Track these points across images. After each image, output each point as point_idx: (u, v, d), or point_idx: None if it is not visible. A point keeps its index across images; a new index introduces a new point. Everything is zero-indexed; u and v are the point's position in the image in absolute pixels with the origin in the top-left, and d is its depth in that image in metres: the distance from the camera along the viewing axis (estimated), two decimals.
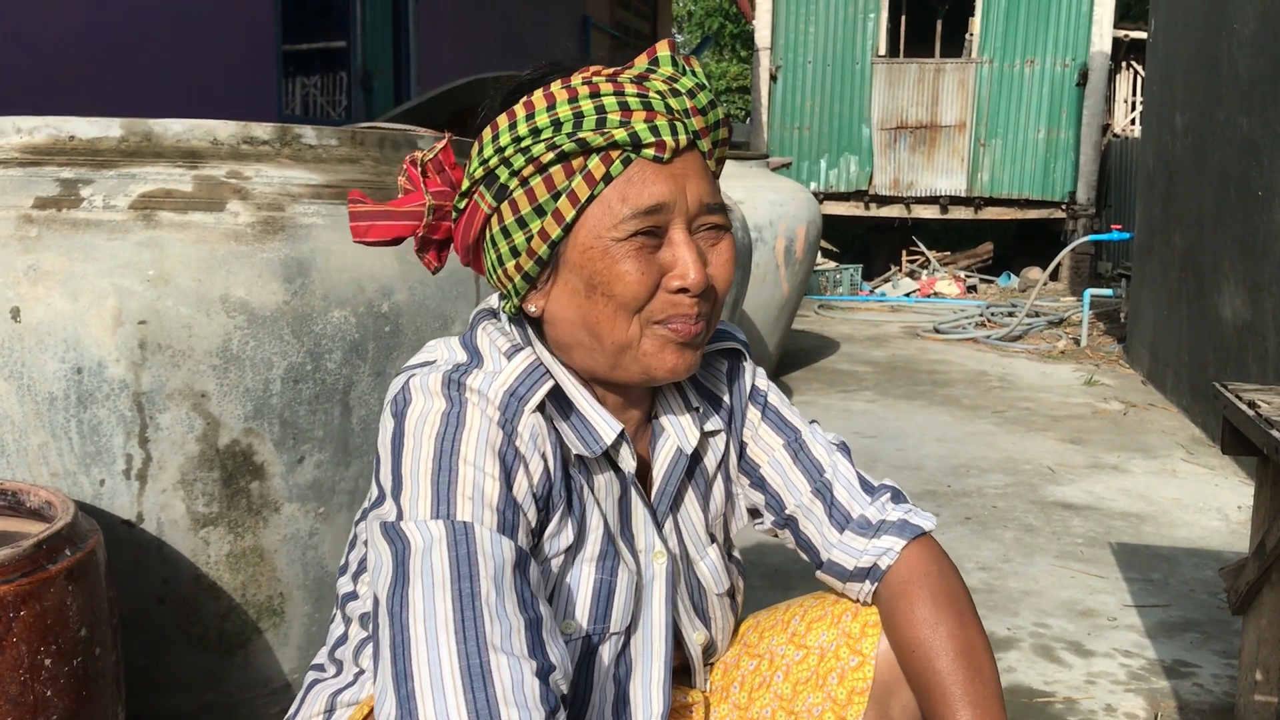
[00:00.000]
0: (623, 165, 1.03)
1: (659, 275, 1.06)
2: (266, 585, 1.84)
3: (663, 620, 1.19)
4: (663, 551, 1.18)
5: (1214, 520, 3.64)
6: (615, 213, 1.03)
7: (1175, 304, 5.61)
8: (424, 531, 0.98)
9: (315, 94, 7.31)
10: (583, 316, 1.08)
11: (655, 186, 1.04)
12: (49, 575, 1.38)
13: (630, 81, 1.05)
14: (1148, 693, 2.39)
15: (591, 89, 1.04)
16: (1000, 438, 4.73)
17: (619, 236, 1.04)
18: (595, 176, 1.03)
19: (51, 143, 1.84)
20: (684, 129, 1.05)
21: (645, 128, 1.02)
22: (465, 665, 0.92)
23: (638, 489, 1.16)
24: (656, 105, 1.04)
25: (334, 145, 1.96)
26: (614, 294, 1.05)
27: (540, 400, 1.08)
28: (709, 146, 1.08)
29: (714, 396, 1.27)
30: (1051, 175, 11.11)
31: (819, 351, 6.99)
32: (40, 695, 1.36)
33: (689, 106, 1.06)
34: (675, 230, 1.06)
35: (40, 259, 1.69)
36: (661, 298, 1.06)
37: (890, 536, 1.23)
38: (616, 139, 1.02)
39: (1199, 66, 5.39)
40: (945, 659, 1.15)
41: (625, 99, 1.03)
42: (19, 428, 1.71)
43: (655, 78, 1.06)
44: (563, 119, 1.03)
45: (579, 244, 1.05)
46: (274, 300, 1.74)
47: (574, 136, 1.02)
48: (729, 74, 25.23)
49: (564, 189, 1.03)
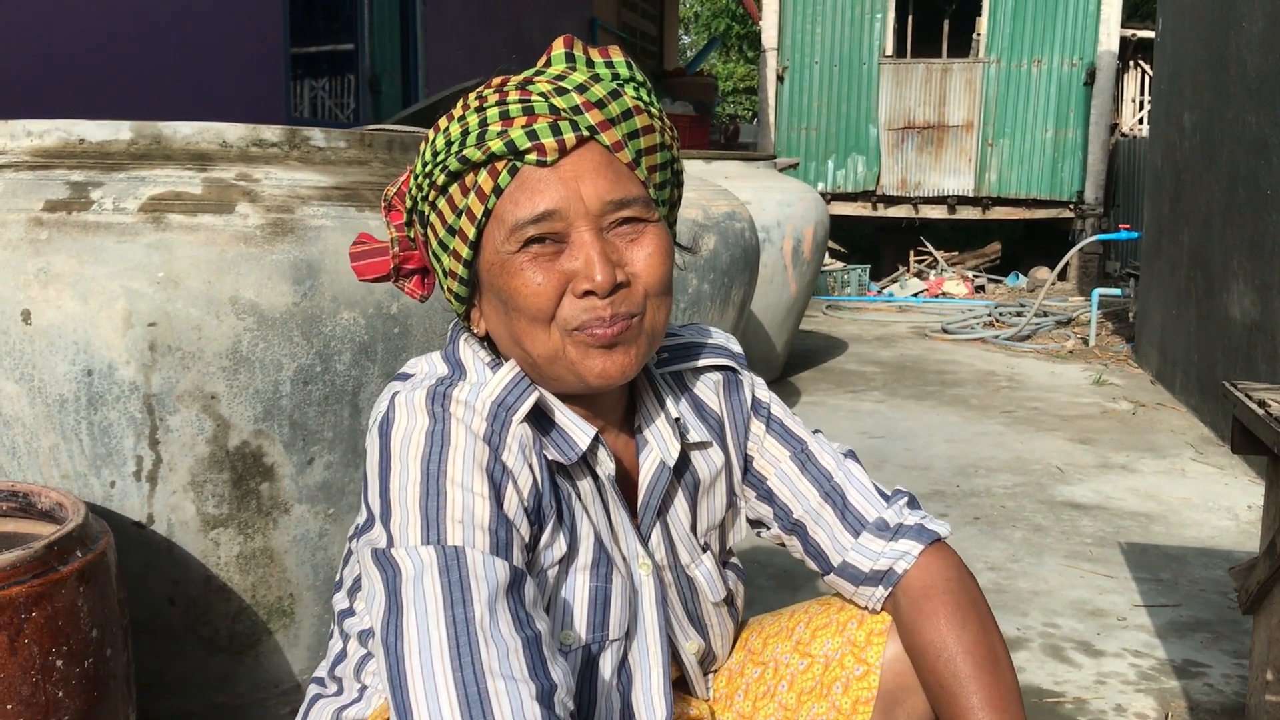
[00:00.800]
0: (510, 175, 1.01)
1: (562, 282, 1.03)
2: (277, 586, 1.84)
3: (656, 625, 1.18)
4: (647, 561, 1.17)
5: (1224, 520, 3.63)
6: (506, 224, 1.02)
7: (1184, 303, 5.59)
8: (414, 558, 0.97)
9: (324, 97, 7.32)
10: (509, 331, 1.07)
11: (542, 194, 1.01)
12: (60, 577, 1.38)
13: (516, 88, 1.03)
14: (1158, 693, 2.39)
15: (480, 102, 1.03)
16: (1009, 438, 4.72)
17: (513, 249, 1.02)
18: (485, 191, 1.02)
19: (61, 146, 1.85)
20: (570, 127, 1.01)
21: (523, 134, 1.00)
22: (463, 694, 0.90)
23: (617, 494, 1.14)
24: (539, 108, 1.01)
25: (342, 147, 1.97)
26: (520, 307, 1.04)
27: (528, 411, 1.07)
28: (618, 138, 1.03)
29: (705, 409, 1.25)
30: (1059, 175, 11.08)
31: (827, 352, 6.99)
32: (52, 696, 1.37)
33: (579, 102, 1.02)
34: (575, 233, 1.03)
35: (51, 261, 1.69)
36: (570, 303, 1.03)
37: (908, 540, 1.23)
38: (494, 150, 1.00)
39: (1207, 65, 5.38)
40: (968, 665, 1.15)
41: (507, 107, 1.02)
42: (30, 430, 1.71)
43: (541, 79, 1.04)
44: (453, 138, 1.03)
45: (485, 261, 1.05)
46: (283, 302, 1.74)
47: (459, 154, 1.02)
48: (736, 75, 25.23)
49: (463, 208, 1.04)
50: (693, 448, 1.23)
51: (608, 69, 1.06)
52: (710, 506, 1.26)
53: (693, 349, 1.28)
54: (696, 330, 1.31)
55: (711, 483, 1.25)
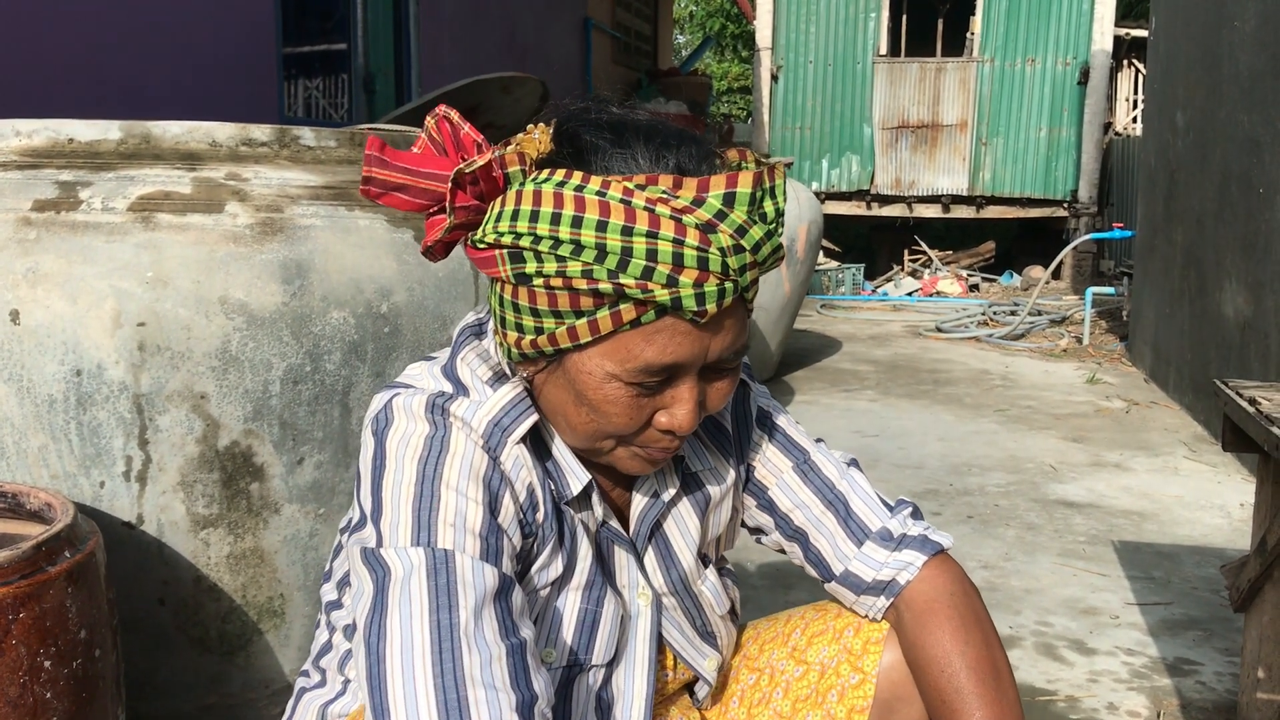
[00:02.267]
0: (656, 316, 0.95)
1: (652, 411, 1.02)
2: (267, 586, 1.84)
3: (646, 657, 1.16)
4: (646, 590, 1.16)
5: (1216, 518, 3.64)
6: (628, 357, 0.97)
7: (1177, 302, 5.60)
8: (404, 559, 0.95)
9: (317, 96, 7.31)
10: (565, 413, 1.04)
11: (679, 347, 0.97)
12: (49, 577, 1.38)
13: (696, 227, 0.92)
14: (1150, 691, 2.39)
15: (651, 221, 0.92)
16: (1002, 436, 4.73)
17: (623, 380, 0.98)
18: (623, 319, 0.95)
19: (50, 145, 1.85)
20: (732, 290, 0.95)
21: (692, 294, 0.93)
22: (442, 700, 0.88)
23: (610, 531, 1.13)
24: (714, 265, 0.92)
25: (332, 146, 1.96)
26: (598, 420, 1.01)
27: (524, 434, 1.06)
28: (757, 286, 0.99)
29: (715, 426, 1.24)
30: (1053, 174, 11.10)
31: (821, 351, 6.99)
32: (40, 697, 1.36)
33: (749, 262, 0.94)
34: (686, 377, 1.00)
35: (39, 261, 1.69)
36: (647, 430, 1.03)
37: (911, 551, 1.22)
38: (657, 299, 0.92)
39: (1200, 64, 5.39)
40: (971, 680, 1.14)
41: (683, 250, 0.92)
42: (18, 430, 1.71)
43: (724, 227, 0.93)
44: (609, 249, 0.92)
45: (583, 364, 0.99)
46: (273, 301, 1.74)
47: (614, 279, 0.92)
48: (730, 74, 25.23)
49: (588, 313, 0.95)
50: (701, 472, 1.21)
51: (772, 202, 0.97)
52: (717, 520, 1.25)
53: None
54: None
55: (721, 499, 1.24)
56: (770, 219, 0.96)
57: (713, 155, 1.00)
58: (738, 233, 0.93)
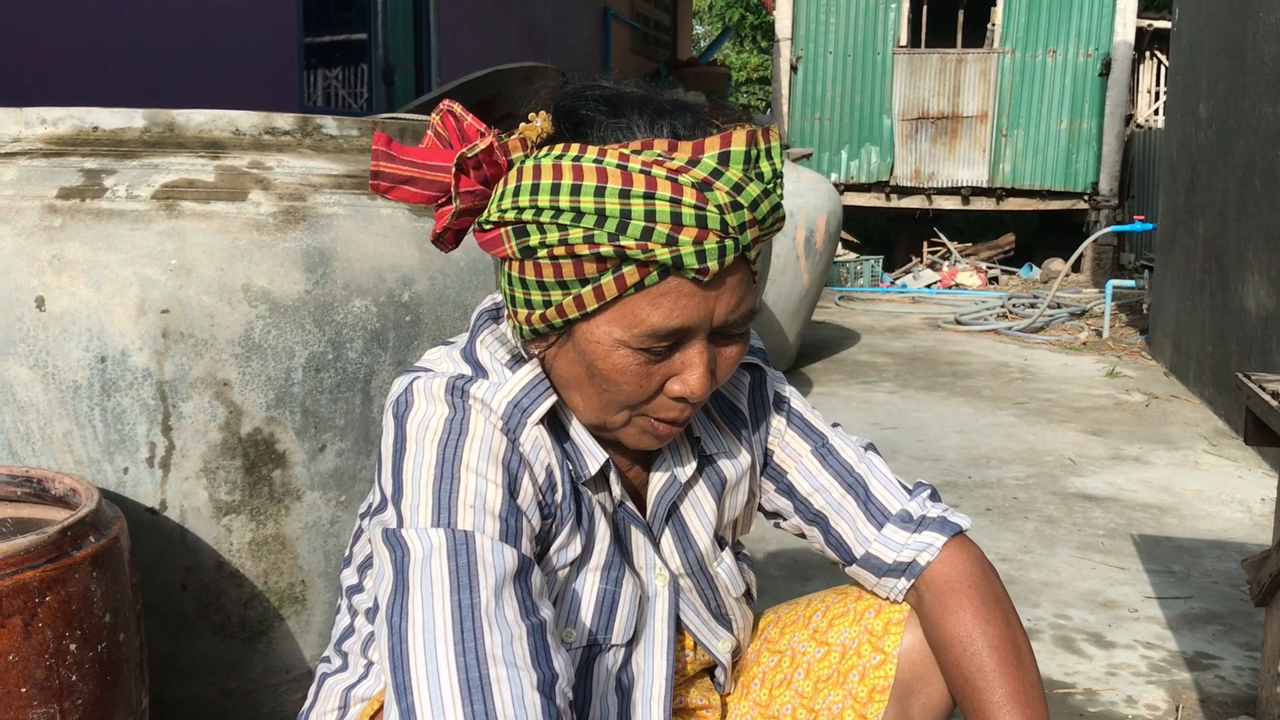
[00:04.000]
0: (659, 277, 0.96)
1: (663, 379, 1.03)
2: (288, 573, 1.85)
3: (665, 637, 1.17)
4: (664, 571, 1.17)
5: (1237, 512, 3.62)
6: (635, 322, 0.98)
7: (1198, 295, 5.57)
8: (424, 540, 0.96)
9: (337, 86, 7.33)
10: (578, 386, 1.06)
11: (685, 309, 0.98)
12: (73, 561, 1.39)
13: (692, 186, 0.94)
14: (1169, 684, 2.38)
15: (648, 184, 0.94)
16: (1021, 429, 4.71)
17: (631, 345, 0.99)
18: (627, 282, 0.96)
19: (75, 133, 1.86)
20: (733, 248, 0.96)
21: (692, 252, 0.94)
22: (464, 679, 0.89)
23: (627, 511, 1.15)
24: (712, 222, 0.94)
25: (355, 135, 1.97)
26: (609, 390, 1.03)
27: (543, 414, 1.07)
28: (758, 248, 1.01)
29: (731, 411, 1.25)
30: (1074, 166, 11.03)
31: (839, 343, 6.98)
32: (65, 680, 1.38)
33: (748, 219, 0.96)
34: (695, 340, 1.01)
35: (64, 248, 1.70)
36: (660, 398, 1.04)
37: (931, 532, 1.23)
38: (658, 258, 0.94)
39: (1223, 55, 5.34)
40: (993, 660, 1.15)
41: (680, 209, 0.94)
42: (44, 416, 1.72)
43: (720, 185, 0.95)
44: (608, 213, 0.94)
45: (591, 333, 1.01)
46: (295, 289, 1.75)
47: (615, 241, 0.94)
48: (749, 65, 25.16)
49: (592, 280, 0.97)
50: (717, 456, 1.22)
51: (768, 162, 0.99)
52: (733, 503, 1.26)
53: None
54: None
55: (738, 481, 1.25)
56: (767, 179, 0.98)
57: (706, 121, 1.02)
58: (734, 190, 0.95)
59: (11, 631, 1.31)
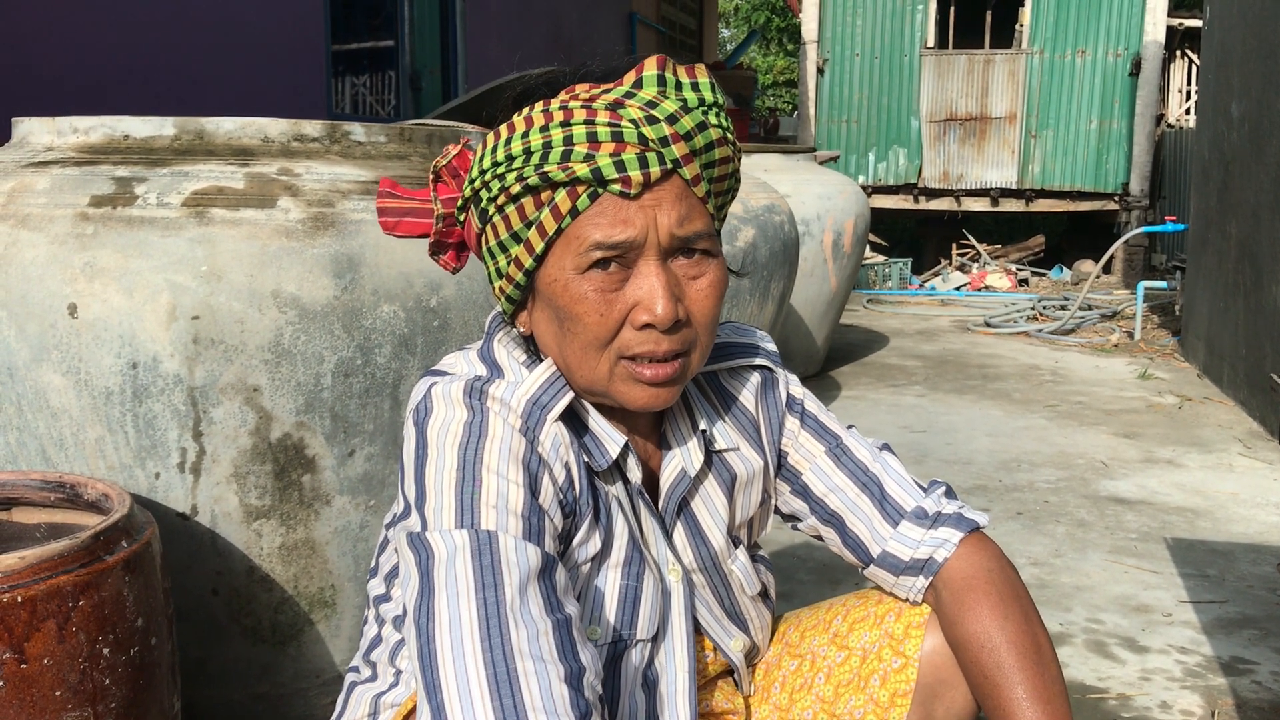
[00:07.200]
0: (589, 200, 1.00)
1: (625, 310, 1.04)
2: (318, 577, 1.86)
3: (684, 631, 1.18)
4: (677, 566, 1.18)
5: (1272, 515, 3.58)
6: (576, 247, 1.02)
7: (1232, 296, 5.51)
8: (448, 541, 0.98)
9: (364, 93, 7.37)
10: (559, 345, 1.08)
11: (620, 224, 1.01)
12: (106, 566, 1.40)
13: (605, 108, 1.01)
14: (1204, 690, 2.36)
15: (565, 115, 1.01)
16: (1052, 432, 4.67)
17: (579, 270, 1.02)
18: (561, 211, 1.01)
19: (107, 142, 1.87)
20: (656, 160, 1.00)
21: (610, 163, 0.99)
22: (492, 674, 0.90)
23: (644, 501, 1.16)
24: (628, 135, 0.99)
25: (382, 142, 1.98)
26: (578, 332, 1.04)
27: (562, 410, 1.08)
28: (698, 171, 1.03)
29: (739, 411, 1.26)
30: (1104, 167, 10.95)
31: (868, 346, 6.95)
32: (99, 683, 1.39)
33: (668, 133, 1.00)
34: (644, 263, 1.03)
35: (96, 256, 1.72)
36: (629, 331, 1.04)
37: (947, 528, 1.23)
38: (579, 175, 0.99)
39: (1256, 53, 5.29)
40: (1012, 656, 1.14)
41: (595, 128, 1.00)
42: (76, 422, 1.74)
43: (632, 103, 1.01)
44: (532, 148, 1.01)
45: (546, 276, 1.04)
46: (324, 295, 1.75)
47: (540, 169, 1.00)
48: (776, 68, 25.13)
49: (534, 219, 1.02)
50: (727, 452, 1.23)
51: (694, 93, 1.03)
52: (745, 502, 1.26)
53: (729, 349, 1.28)
54: (732, 329, 1.31)
55: (749, 480, 1.25)
56: (693, 105, 1.03)
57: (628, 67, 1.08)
58: (648, 105, 1.01)
59: (46, 635, 1.33)
